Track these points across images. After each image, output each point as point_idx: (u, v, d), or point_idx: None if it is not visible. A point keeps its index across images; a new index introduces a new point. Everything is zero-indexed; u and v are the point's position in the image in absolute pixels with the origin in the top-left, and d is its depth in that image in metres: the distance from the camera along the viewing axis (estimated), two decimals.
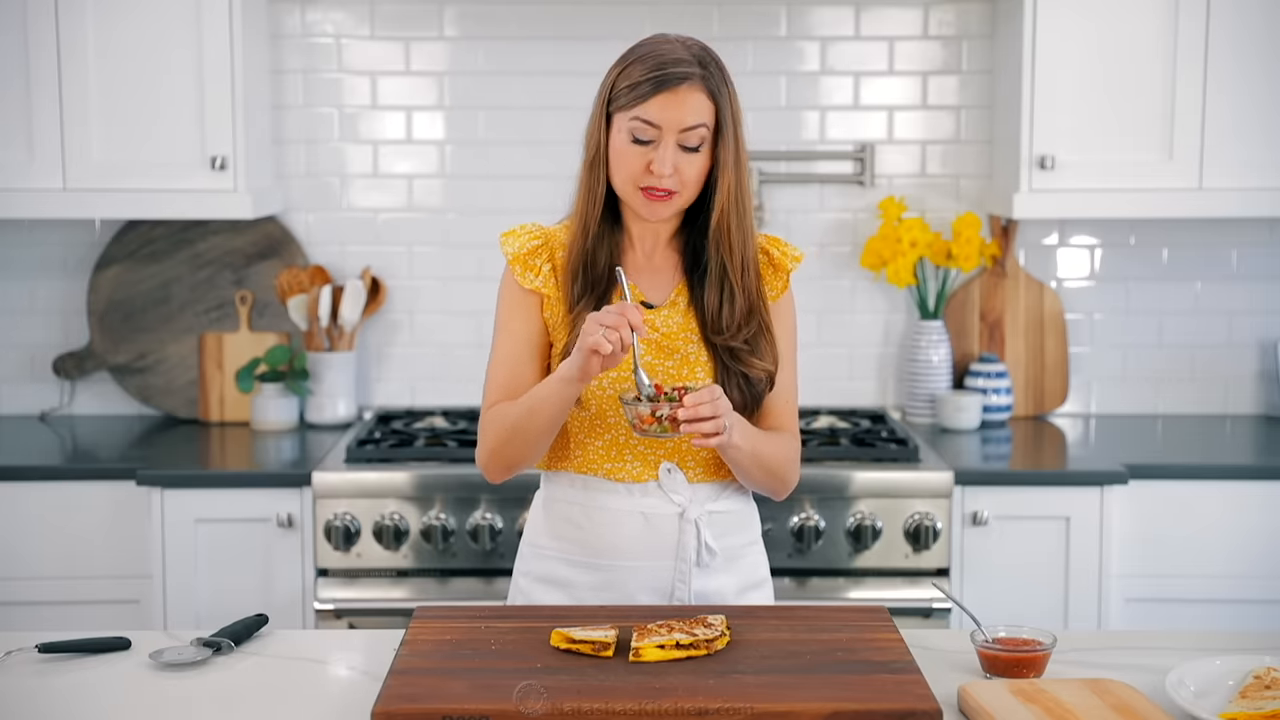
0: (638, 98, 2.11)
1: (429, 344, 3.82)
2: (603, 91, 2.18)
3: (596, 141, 2.18)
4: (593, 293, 2.19)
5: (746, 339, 2.20)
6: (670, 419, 2.03)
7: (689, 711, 1.73)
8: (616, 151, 2.15)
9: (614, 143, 2.15)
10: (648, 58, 2.14)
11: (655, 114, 2.11)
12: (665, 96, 2.11)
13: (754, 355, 2.20)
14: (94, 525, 3.22)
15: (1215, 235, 3.79)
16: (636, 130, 2.12)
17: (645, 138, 2.12)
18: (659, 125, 2.11)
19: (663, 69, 2.11)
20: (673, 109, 2.11)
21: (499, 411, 2.19)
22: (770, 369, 2.21)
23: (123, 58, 3.38)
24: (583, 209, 2.21)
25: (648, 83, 2.11)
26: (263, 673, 2.00)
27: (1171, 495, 3.24)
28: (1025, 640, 1.97)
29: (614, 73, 2.17)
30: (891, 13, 3.74)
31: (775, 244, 2.29)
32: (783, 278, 2.28)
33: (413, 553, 3.16)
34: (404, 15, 3.73)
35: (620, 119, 2.14)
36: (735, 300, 2.19)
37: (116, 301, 3.75)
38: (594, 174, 2.19)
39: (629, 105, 2.12)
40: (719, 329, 2.19)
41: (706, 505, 2.22)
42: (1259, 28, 3.39)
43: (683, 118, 2.11)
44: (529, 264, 2.22)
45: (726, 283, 2.19)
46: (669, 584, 2.21)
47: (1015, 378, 3.78)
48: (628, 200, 2.18)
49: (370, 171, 3.78)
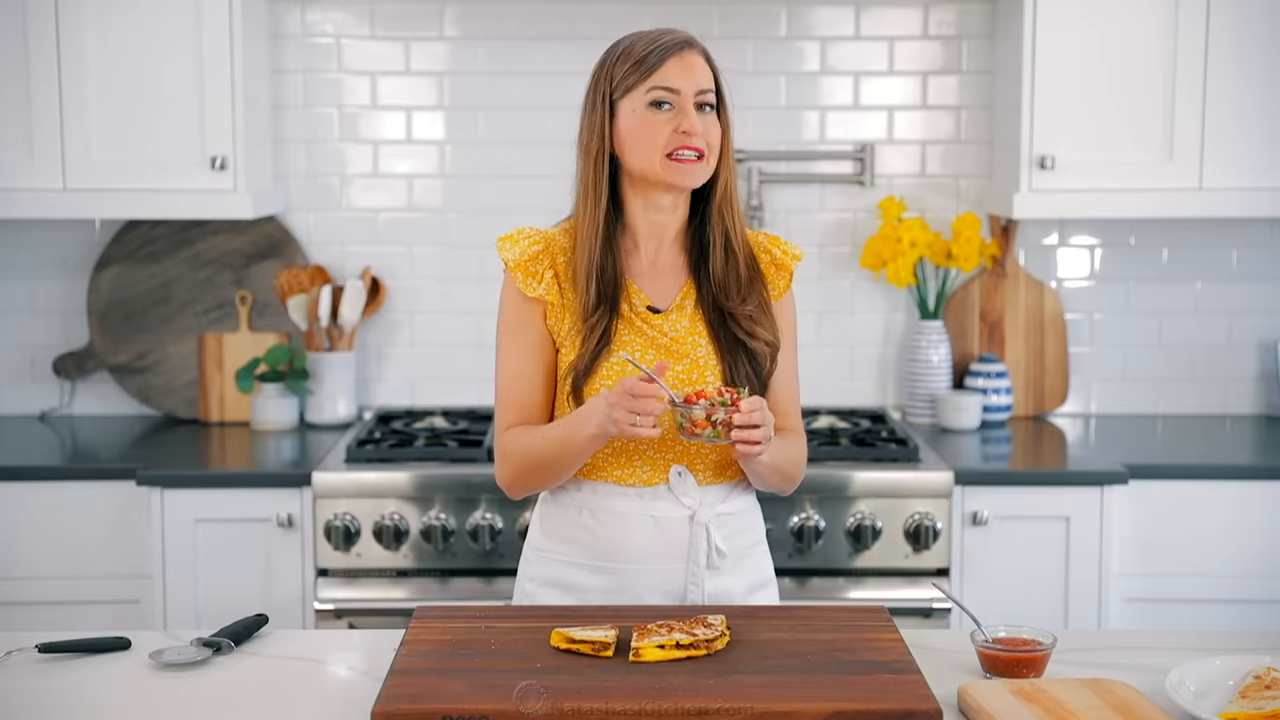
0: (649, 69, 2.14)
1: (429, 344, 3.82)
2: (599, 87, 2.19)
3: (601, 135, 2.18)
4: (606, 302, 2.18)
5: (751, 310, 2.21)
6: (725, 424, 2.04)
7: (689, 711, 1.73)
8: (632, 130, 2.15)
9: (627, 125, 2.16)
10: (641, 39, 2.19)
11: (672, 77, 2.14)
12: (676, 60, 2.15)
13: (758, 325, 2.22)
14: (94, 525, 3.22)
15: (1215, 235, 3.79)
16: (656, 97, 2.14)
17: (666, 101, 2.14)
18: (677, 89, 2.14)
19: (663, 40, 2.17)
20: (686, 71, 2.15)
21: (519, 440, 2.19)
22: (772, 340, 2.23)
23: (122, 58, 3.37)
24: (590, 209, 2.19)
25: (654, 53, 2.15)
26: (263, 673, 2.00)
27: (1171, 495, 3.24)
28: (1025, 640, 1.97)
29: (606, 67, 2.20)
30: (891, 13, 3.74)
31: (776, 242, 2.30)
32: (785, 276, 2.29)
33: (413, 553, 3.16)
34: (404, 15, 3.73)
35: (631, 99, 2.16)
36: (740, 267, 2.22)
37: (116, 301, 3.75)
38: (598, 169, 2.18)
39: (640, 80, 2.15)
40: (726, 294, 2.21)
41: (716, 507, 2.22)
42: (1259, 28, 3.39)
43: (697, 79, 2.16)
44: (531, 271, 2.21)
45: (730, 250, 2.22)
46: (681, 587, 2.21)
47: (1015, 378, 3.78)
48: (656, 176, 2.16)
49: (370, 171, 3.78)
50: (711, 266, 2.22)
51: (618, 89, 2.17)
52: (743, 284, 2.22)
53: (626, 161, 2.18)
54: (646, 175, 2.17)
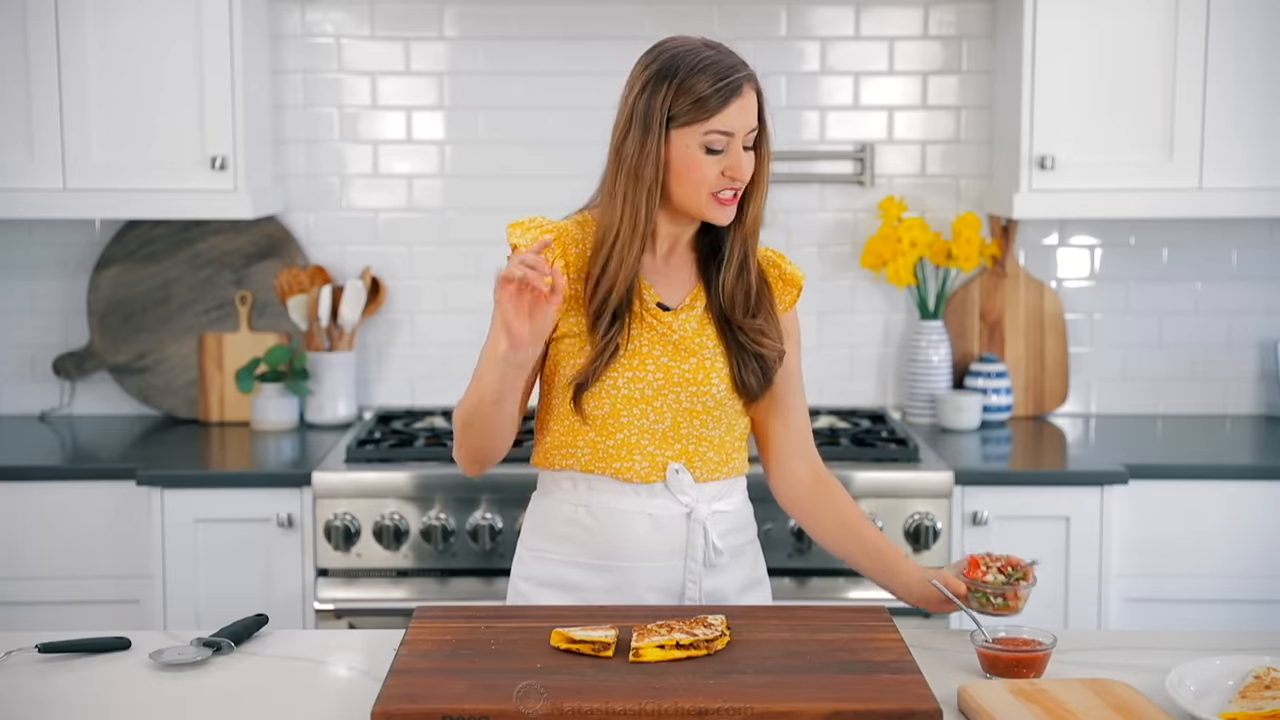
0: (710, 111, 2.10)
1: (429, 344, 3.82)
2: (654, 111, 2.10)
3: (655, 163, 2.11)
4: (619, 320, 2.16)
5: (760, 323, 2.22)
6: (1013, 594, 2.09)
7: (689, 711, 1.73)
8: (684, 165, 2.12)
9: (679, 159, 2.12)
10: (707, 69, 2.10)
11: (730, 123, 2.11)
12: (736, 105, 2.11)
13: (765, 335, 2.22)
14: (94, 525, 3.22)
15: (1215, 235, 3.79)
16: (711, 143, 2.11)
17: (719, 148, 2.12)
18: (732, 133, 2.12)
19: (728, 77, 2.10)
20: (744, 115, 2.12)
21: (461, 399, 2.20)
22: (780, 347, 2.23)
23: (123, 58, 3.37)
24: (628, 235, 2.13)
25: (717, 94, 2.09)
26: (263, 673, 2.00)
27: (1171, 495, 3.24)
28: (1025, 640, 1.97)
29: (665, 88, 2.10)
30: (891, 13, 3.74)
31: (783, 259, 2.33)
32: (793, 291, 2.31)
33: (413, 553, 3.16)
34: (404, 15, 3.73)
35: (686, 135, 2.11)
36: (751, 283, 2.22)
37: (116, 301, 3.75)
38: (651, 197, 2.13)
39: (699, 119, 2.10)
40: (734, 308, 2.21)
41: (712, 505, 2.23)
42: (1259, 28, 3.39)
43: (749, 121, 2.13)
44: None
45: (745, 268, 2.22)
46: (679, 584, 2.21)
47: (1015, 378, 3.78)
48: (694, 211, 2.15)
49: (370, 171, 3.78)
50: (722, 281, 2.22)
51: (675, 120, 2.11)
52: (751, 300, 2.23)
53: (670, 191, 2.15)
54: (686, 208, 2.16)
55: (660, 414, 2.18)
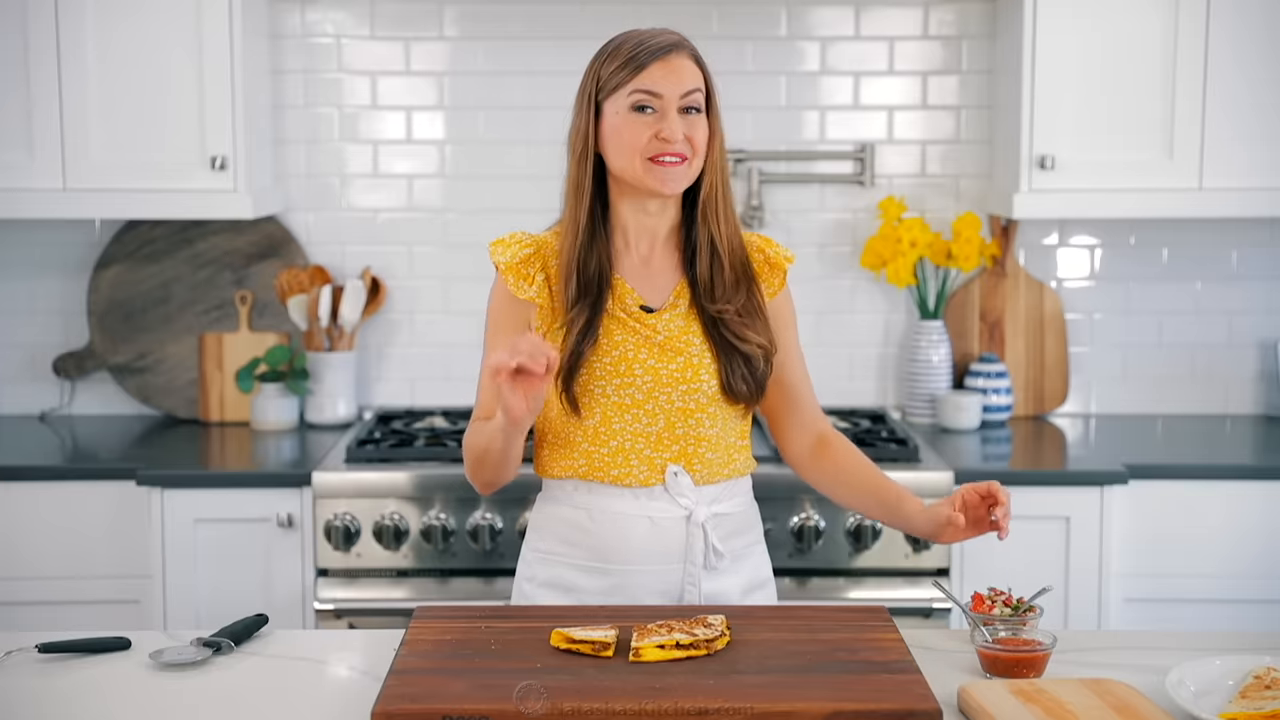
0: (632, 71, 2.14)
1: (429, 344, 3.82)
2: (587, 87, 2.20)
3: (585, 135, 2.18)
4: (586, 298, 2.18)
5: (739, 310, 2.21)
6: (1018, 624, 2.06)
7: (689, 711, 1.73)
8: (615, 130, 2.15)
9: (610, 125, 2.16)
10: (629, 40, 2.19)
11: (655, 81, 2.14)
12: (660, 64, 2.14)
13: (748, 329, 2.21)
14: (94, 525, 3.22)
15: (1215, 235, 3.79)
16: (637, 100, 2.14)
17: (649, 105, 2.14)
18: (660, 93, 2.14)
19: (650, 42, 2.16)
20: (670, 75, 2.15)
21: (471, 434, 2.23)
22: (765, 345, 2.23)
23: (123, 58, 3.38)
24: (573, 208, 2.21)
25: (640, 54, 2.15)
26: (263, 673, 2.00)
27: (1171, 495, 3.24)
28: (1025, 640, 1.97)
29: (595, 66, 2.20)
30: (891, 13, 3.74)
31: (769, 243, 2.32)
32: (779, 275, 2.30)
33: (413, 553, 3.16)
34: (404, 15, 3.73)
35: (614, 100, 2.16)
36: (725, 270, 2.22)
37: (116, 301, 3.75)
38: (582, 168, 2.19)
39: (624, 82, 2.15)
40: (711, 297, 2.21)
41: (712, 507, 2.22)
42: (1259, 28, 3.39)
43: (681, 81, 2.15)
44: (522, 273, 2.22)
45: (716, 252, 2.22)
46: (678, 587, 2.21)
47: (1015, 378, 3.78)
48: (637, 179, 2.16)
49: (370, 171, 3.78)
50: (698, 268, 2.23)
51: (603, 89, 2.17)
52: (728, 287, 2.22)
53: (609, 162, 2.19)
54: (627, 177, 2.18)
55: (653, 416, 2.18)
